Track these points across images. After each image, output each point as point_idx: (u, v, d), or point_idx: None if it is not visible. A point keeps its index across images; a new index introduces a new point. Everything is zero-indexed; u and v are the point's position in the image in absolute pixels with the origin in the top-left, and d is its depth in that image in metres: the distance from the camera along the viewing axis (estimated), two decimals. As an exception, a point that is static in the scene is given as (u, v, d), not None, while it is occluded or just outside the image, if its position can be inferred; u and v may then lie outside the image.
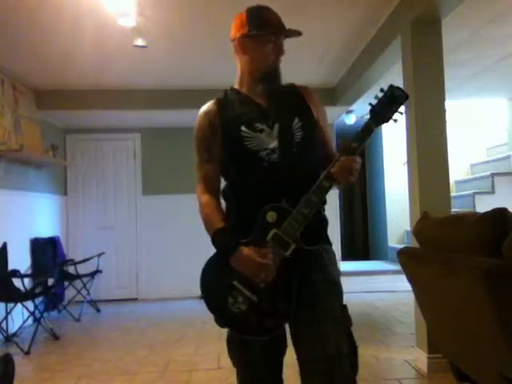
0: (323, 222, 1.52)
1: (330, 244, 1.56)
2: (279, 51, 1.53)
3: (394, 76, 4.05)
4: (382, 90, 1.40)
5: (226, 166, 1.54)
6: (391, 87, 1.40)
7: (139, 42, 3.62)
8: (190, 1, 3.23)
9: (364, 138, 1.39)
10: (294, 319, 1.43)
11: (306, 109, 1.56)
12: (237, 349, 1.53)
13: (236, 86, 1.60)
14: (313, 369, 1.38)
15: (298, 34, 1.51)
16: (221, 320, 1.45)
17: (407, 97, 1.39)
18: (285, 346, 1.54)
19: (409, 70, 3.10)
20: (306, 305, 1.40)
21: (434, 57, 3.04)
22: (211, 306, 1.46)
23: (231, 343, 1.55)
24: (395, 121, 1.41)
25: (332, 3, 3.31)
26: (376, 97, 1.39)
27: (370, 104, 1.40)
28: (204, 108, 1.59)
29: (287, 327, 1.47)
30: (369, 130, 1.39)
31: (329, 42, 3.97)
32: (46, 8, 3.21)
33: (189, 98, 5.21)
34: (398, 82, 3.41)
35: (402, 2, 3.20)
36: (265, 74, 1.53)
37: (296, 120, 1.51)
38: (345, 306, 1.45)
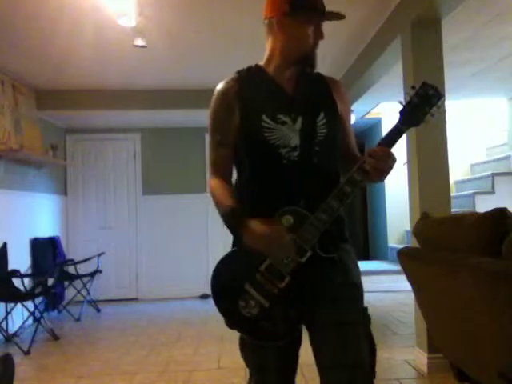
0: (341, 223, 1.43)
1: (350, 243, 1.47)
2: (321, 35, 1.42)
3: (394, 76, 4.06)
4: (413, 88, 1.27)
5: (241, 157, 1.43)
6: (424, 85, 1.27)
7: (139, 42, 3.62)
8: (190, 1, 3.23)
9: (392, 143, 1.28)
10: (313, 324, 1.36)
11: (332, 103, 1.45)
12: (249, 351, 1.46)
13: (261, 64, 1.48)
14: (332, 376, 1.31)
15: (342, 17, 1.42)
16: (230, 322, 1.38)
17: (441, 96, 1.26)
18: (298, 349, 1.47)
19: (409, 70, 3.10)
20: (326, 309, 1.33)
21: (433, 57, 3.04)
22: (221, 308, 1.38)
23: (244, 345, 1.47)
24: (426, 123, 1.29)
25: (332, 3, 3.29)
26: (407, 93, 1.27)
27: (401, 103, 1.28)
28: (222, 85, 1.45)
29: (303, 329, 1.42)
30: (398, 134, 1.28)
31: (329, 42, 3.96)
32: (46, 8, 3.21)
33: (189, 98, 5.21)
34: (398, 82, 3.41)
35: (402, 2, 3.19)
36: (300, 58, 1.41)
37: (321, 115, 1.40)
38: (366, 308, 1.38)
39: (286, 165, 1.36)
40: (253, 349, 1.44)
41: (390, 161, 1.27)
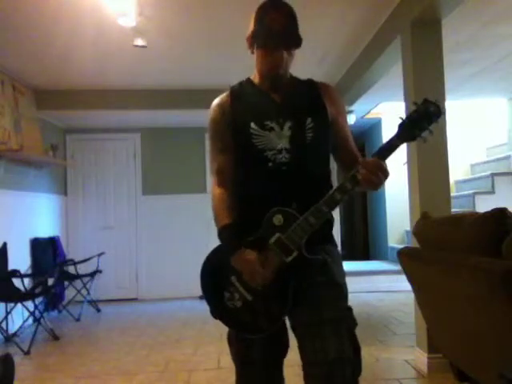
0: (328, 224, 1.48)
1: (335, 245, 1.52)
2: (274, 62, 1.45)
3: (394, 76, 4.06)
4: (415, 104, 1.31)
5: (236, 162, 1.50)
6: (426, 101, 1.30)
7: (139, 42, 3.62)
8: (190, 1, 3.23)
9: (386, 155, 1.32)
10: (296, 324, 1.40)
11: (321, 108, 1.50)
12: (236, 347, 1.52)
13: (252, 77, 1.58)
14: (314, 373, 1.34)
15: (296, 46, 1.46)
16: (215, 313, 1.45)
17: (441, 114, 1.30)
18: (286, 347, 1.52)
19: (409, 70, 3.10)
20: (307, 308, 1.37)
21: (433, 57, 3.04)
22: (208, 298, 1.47)
23: (232, 341, 1.54)
24: (424, 139, 1.32)
25: (332, 3, 3.30)
26: (410, 109, 1.30)
27: (400, 118, 1.31)
28: (217, 100, 1.55)
29: (289, 329, 1.46)
30: (392, 148, 1.32)
31: (329, 42, 3.97)
32: (46, 8, 3.21)
33: (189, 97, 5.21)
34: (398, 82, 3.41)
35: (402, 3, 3.19)
36: (267, 75, 1.50)
37: (309, 120, 1.45)
38: (349, 308, 1.41)
39: (271, 167, 1.42)
40: (239, 344, 1.50)
41: (382, 175, 1.31)
